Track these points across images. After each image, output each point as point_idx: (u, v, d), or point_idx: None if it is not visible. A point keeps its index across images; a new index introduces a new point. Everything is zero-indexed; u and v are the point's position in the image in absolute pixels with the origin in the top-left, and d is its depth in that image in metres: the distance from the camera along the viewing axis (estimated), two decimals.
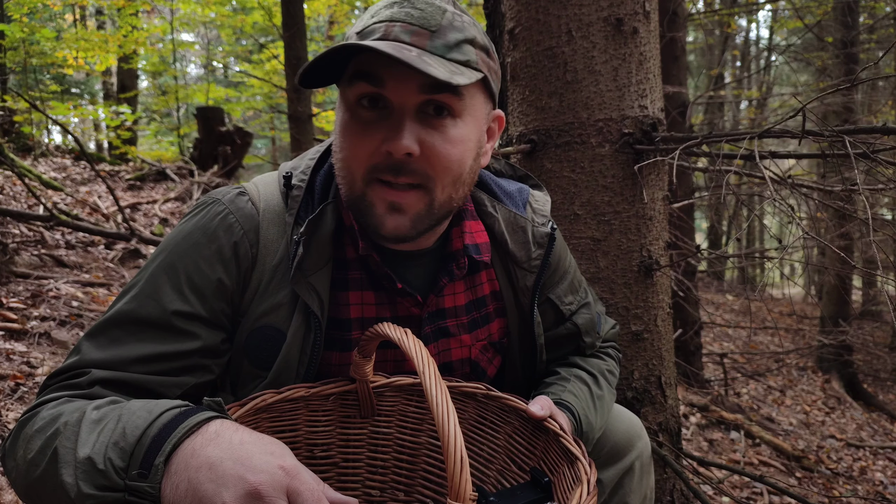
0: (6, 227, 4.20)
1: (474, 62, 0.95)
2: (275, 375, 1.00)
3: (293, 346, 1.01)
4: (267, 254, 1.02)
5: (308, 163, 1.09)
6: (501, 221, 1.17)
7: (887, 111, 8.01)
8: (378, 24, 0.94)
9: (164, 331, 0.95)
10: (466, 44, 0.95)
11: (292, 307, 1.01)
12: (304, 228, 0.99)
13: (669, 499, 1.95)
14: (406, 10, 0.94)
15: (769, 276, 8.66)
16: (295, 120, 5.19)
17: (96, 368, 0.91)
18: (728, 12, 8.65)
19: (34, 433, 0.82)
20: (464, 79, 0.91)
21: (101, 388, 0.90)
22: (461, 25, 0.96)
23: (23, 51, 7.72)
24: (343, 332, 1.07)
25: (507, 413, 1.07)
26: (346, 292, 1.07)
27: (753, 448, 3.81)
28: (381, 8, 0.97)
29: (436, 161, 0.95)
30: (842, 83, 4.85)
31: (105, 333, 0.95)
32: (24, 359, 2.58)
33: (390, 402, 1.11)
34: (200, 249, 0.99)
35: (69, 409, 0.83)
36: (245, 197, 1.04)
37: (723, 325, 6.70)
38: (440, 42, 0.93)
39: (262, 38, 11.93)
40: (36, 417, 0.85)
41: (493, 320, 1.18)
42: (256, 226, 1.02)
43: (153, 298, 0.96)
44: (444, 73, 0.88)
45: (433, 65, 0.88)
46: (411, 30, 0.93)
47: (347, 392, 1.06)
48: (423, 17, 0.94)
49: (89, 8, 11.66)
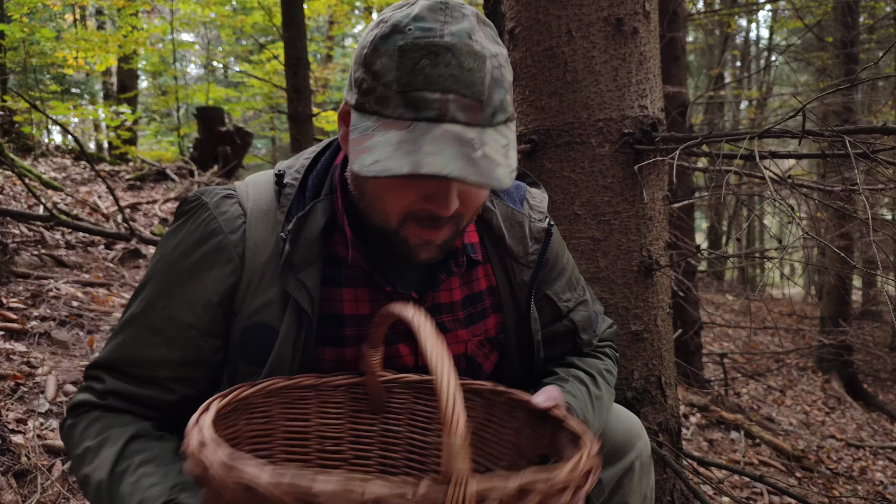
0: (6, 227, 4.20)
1: (511, 114, 0.95)
2: (268, 372, 1.02)
3: (285, 342, 1.02)
4: (256, 252, 1.03)
5: (303, 162, 1.10)
6: (499, 216, 1.17)
7: (887, 111, 8.00)
8: (431, 97, 0.87)
9: (169, 337, 1.03)
10: (506, 95, 0.93)
11: (284, 304, 1.02)
12: (292, 225, 1.01)
13: (669, 499, 1.95)
14: (456, 76, 0.87)
15: (769, 276, 8.66)
16: (295, 120, 5.18)
17: (112, 375, 1.03)
18: (728, 12, 8.65)
19: (77, 454, 1.00)
20: (514, 153, 0.92)
21: (114, 399, 1.02)
22: (500, 75, 0.91)
23: (23, 51, 7.72)
24: (337, 329, 1.07)
25: (513, 408, 1.07)
26: (339, 289, 1.07)
27: (753, 448, 3.81)
28: (427, 66, 0.87)
29: (470, 206, 0.99)
30: (842, 83, 4.85)
31: (119, 332, 1.05)
32: (24, 359, 2.58)
33: (400, 400, 1.11)
34: (188, 257, 1.03)
35: (91, 461, 0.97)
36: (232, 199, 1.06)
37: (723, 325, 6.70)
38: (489, 111, 0.90)
39: (262, 38, 11.93)
40: (76, 430, 1.01)
41: (490, 316, 1.19)
42: (242, 226, 1.04)
43: (151, 305, 1.03)
44: (505, 171, 0.88)
45: (495, 157, 0.87)
46: (465, 104, 0.88)
47: (356, 385, 1.07)
48: (471, 83, 0.88)
49: (89, 8, 11.66)
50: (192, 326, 1.02)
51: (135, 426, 0.99)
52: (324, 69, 12.57)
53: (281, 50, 6.04)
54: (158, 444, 0.98)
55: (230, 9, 11.04)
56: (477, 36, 0.91)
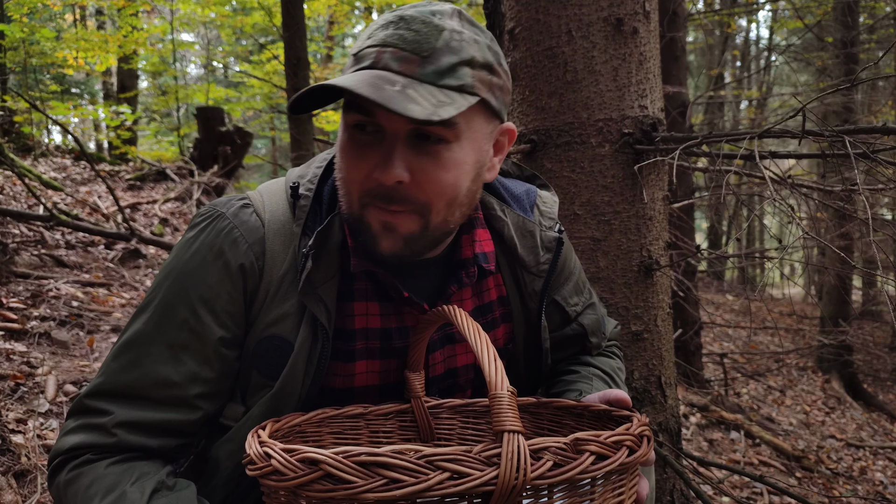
0: (6, 227, 4.20)
1: (469, 86, 0.92)
2: (281, 385, 1.00)
3: (300, 356, 1.00)
4: (273, 265, 1.01)
5: (315, 171, 1.08)
6: (511, 226, 1.15)
7: (887, 111, 8.00)
8: (370, 49, 0.92)
9: (195, 351, 0.98)
10: (463, 66, 0.92)
11: (299, 317, 1.01)
12: (313, 241, 0.98)
13: (669, 499, 1.95)
14: (399, 33, 0.91)
15: (769, 276, 8.66)
16: (295, 120, 5.18)
17: (121, 404, 0.94)
18: (728, 12, 8.65)
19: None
20: (452, 109, 0.88)
21: (126, 432, 0.93)
22: (458, 46, 0.92)
23: (23, 51, 7.72)
24: (347, 343, 1.06)
25: (561, 416, 1.07)
26: (351, 303, 1.06)
27: (753, 448, 3.81)
28: (377, 28, 0.94)
29: (428, 187, 0.94)
30: (842, 83, 4.85)
31: (125, 355, 0.97)
32: (24, 359, 2.58)
33: (448, 425, 1.11)
34: (208, 267, 0.99)
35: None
36: (249, 209, 1.04)
37: (723, 325, 6.71)
38: (431, 68, 0.90)
39: (262, 38, 11.93)
40: (77, 487, 0.90)
41: (499, 326, 1.18)
42: (262, 238, 1.02)
43: (167, 320, 0.97)
44: (424, 111, 0.85)
45: (417, 99, 0.86)
46: (401, 56, 0.90)
47: (404, 412, 1.07)
48: (416, 41, 0.91)
49: (89, 8, 11.66)
50: (221, 338, 0.98)
51: (152, 479, 0.91)
52: (324, 69, 12.55)
53: (281, 50, 6.05)
54: (177, 495, 0.91)
55: (230, 9, 11.04)
56: (445, 19, 0.93)
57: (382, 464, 0.67)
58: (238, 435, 1.00)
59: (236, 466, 1.00)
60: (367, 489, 0.67)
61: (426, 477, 0.66)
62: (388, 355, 1.08)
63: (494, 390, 0.74)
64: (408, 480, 0.66)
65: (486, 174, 1.03)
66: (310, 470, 0.70)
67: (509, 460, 0.68)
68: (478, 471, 0.67)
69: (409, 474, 0.67)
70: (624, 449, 0.77)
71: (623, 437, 0.78)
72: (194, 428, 1.00)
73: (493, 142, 1.03)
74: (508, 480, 0.67)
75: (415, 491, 0.66)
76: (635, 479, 0.84)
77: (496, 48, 0.99)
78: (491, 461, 0.68)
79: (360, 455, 0.68)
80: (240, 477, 1.00)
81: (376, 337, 1.07)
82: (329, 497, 0.69)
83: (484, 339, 0.80)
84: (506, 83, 1.00)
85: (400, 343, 1.07)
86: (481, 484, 0.67)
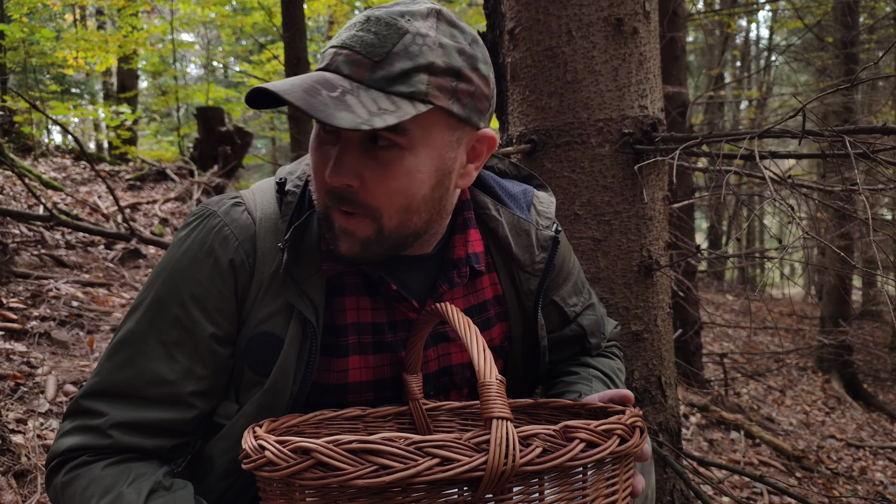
0: (6, 227, 4.20)
1: (422, 93, 0.88)
2: (272, 381, 1.00)
3: (290, 352, 1.00)
4: (265, 262, 1.01)
5: (304, 168, 1.08)
6: (505, 225, 1.15)
7: (887, 111, 8.00)
8: (330, 50, 0.92)
9: (190, 348, 0.98)
10: (418, 72, 0.88)
11: (289, 314, 1.01)
12: (289, 234, 0.98)
13: (669, 499, 1.95)
14: (360, 35, 0.90)
15: (769, 276, 8.66)
16: (295, 120, 5.18)
17: (115, 404, 0.95)
18: (728, 12, 8.65)
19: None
20: (391, 118, 0.85)
21: (121, 432, 0.94)
22: (416, 51, 0.88)
23: (23, 51, 7.72)
24: (339, 338, 1.05)
25: (558, 415, 1.07)
26: (342, 297, 1.06)
27: (753, 448, 3.82)
28: (347, 27, 0.94)
29: (378, 193, 0.92)
30: (842, 83, 4.85)
31: (119, 354, 0.97)
32: (24, 359, 2.58)
33: (447, 427, 1.11)
34: (199, 265, 0.99)
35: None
36: (241, 207, 1.04)
37: (723, 325, 6.71)
38: (381, 74, 0.88)
39: (262, 38, 11.94)
40: (73, 489, 0.91)
41: (495, 325, 1.17)
42: (253, 235, 1.02)
43: (160, 318, 0.98)
44: (356, 119, 0.83)
45: (353, 106, 0.84)
46: (354, 59, 0.89)
47: (403, 414, 1.08)
48: (372, 45, 0.89)
49: (89, 8, 11.66)
50: (213, 335, 0.99)
51: (149, 479, 0.91)
52: None
53: (281, 50, 6.05)
54: (174, 495, 0.92)
55: (230, 9, 11.05)
56: (414, 20, 0.91)
57: (372, 451, 0.69)
58: (231, 432, 1.00)
59: (230, 464, 1.00)
60: (357, 475, 0.69)
61: (415, 463, 0.68)
62: (380, 350, 1.07)
63: (483, 379, 0.76)
64: (397, 466, 0.68)
65: (457, 181, 1.01)
66: (302, 459, 0.71)
67: (498, 446, 0.70)
68: (466, 457, 0.69)
69: (399, 460, 0.69)
70: (615, 437, 0.78)
71: (614, 425, 0.78)
72: (190, 427, 1.00)
73: (469, 148, 1.00)
74: (497, 466, 0.69)
75: (404, 476, 0.68)
76: (629, 472, 0.84)
77: (473, 52, 0.95)
78: (480, 447, 0.70)
79: (350, 443, 0.70)
80: (234, 475, 1.01)
81: (368, 331, 1.07)
82: (321, 484, 0.70)
83: (473, 330, 0.82)
84: (480, 89, 0.95)
85: (392, 338, 1.07)
86: (470, 469, 0.69)
